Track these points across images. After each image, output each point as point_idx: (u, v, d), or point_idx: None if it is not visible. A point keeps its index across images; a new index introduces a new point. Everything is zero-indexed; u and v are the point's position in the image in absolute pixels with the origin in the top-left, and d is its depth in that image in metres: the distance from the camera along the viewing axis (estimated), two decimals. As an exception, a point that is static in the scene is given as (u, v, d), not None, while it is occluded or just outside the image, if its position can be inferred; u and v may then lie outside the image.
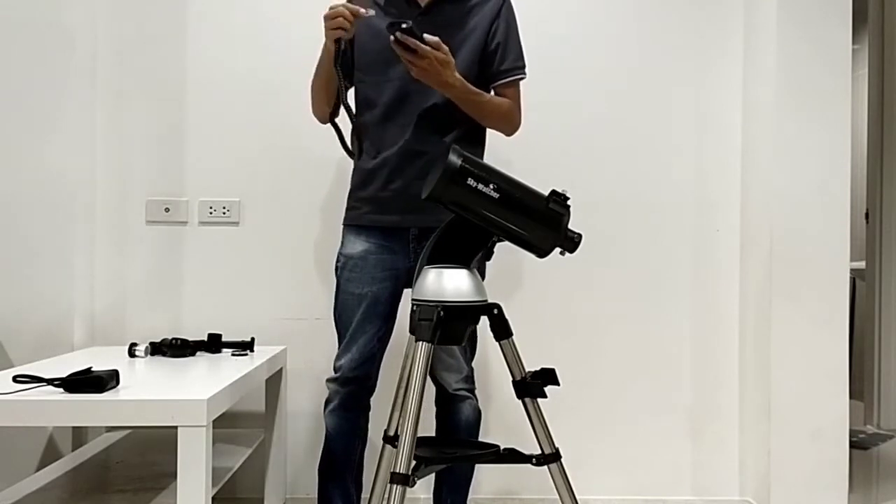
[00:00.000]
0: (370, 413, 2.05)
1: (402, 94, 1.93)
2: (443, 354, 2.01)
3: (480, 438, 2.11)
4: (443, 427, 2.06)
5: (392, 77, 1.93)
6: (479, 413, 2.06)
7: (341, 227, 2.07)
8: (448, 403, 2.05)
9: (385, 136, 1.95)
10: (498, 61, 2.00)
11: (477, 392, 2.08)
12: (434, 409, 2.08)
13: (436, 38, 1.76)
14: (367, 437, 2.07)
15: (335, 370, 2.00)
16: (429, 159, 1.89)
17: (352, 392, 1.99)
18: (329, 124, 2.00)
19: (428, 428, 1.94)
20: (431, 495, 2.14)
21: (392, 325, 2.03)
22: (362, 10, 1.81)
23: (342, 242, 2.04)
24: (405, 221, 1.95)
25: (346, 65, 1.92)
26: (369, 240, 1.98)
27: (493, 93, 2.03)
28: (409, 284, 1.97)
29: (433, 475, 2.08)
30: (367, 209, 1.99)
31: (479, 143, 2.05)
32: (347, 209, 2.05)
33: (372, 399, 2.04)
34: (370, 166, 1.97)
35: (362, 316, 1.97)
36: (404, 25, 1.70)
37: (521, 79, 2.06)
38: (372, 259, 1.97)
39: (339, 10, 1.81)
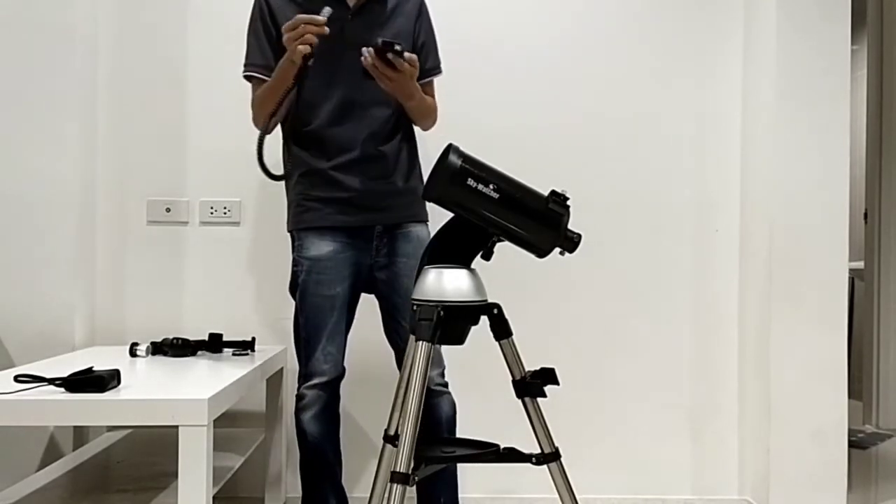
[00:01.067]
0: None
1: (349, 99, 1.96)
2: None
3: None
4: (422, 423, 2.05)
5: (335, 82, 1.95)
6: (455, 407, 2.07)
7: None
8: (427, 399, 2.04)
9: (336, 140, 1.96)
10: (422, 60, 2.02)
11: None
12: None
13: (413, 56, 1.81)
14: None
15: (312, 375, 1.99)
16: (386, 160, 1.98)
17: (333, 393, 2.02)
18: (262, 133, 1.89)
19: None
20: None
21: (353, 319, 2.07)
22: (320, 17, 1.77)
23: (301, 246, 2.01)
24: (370, 220, 1.99)
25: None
26: (335, 240, 1.99)
27: None
28: (369, 283, 2.04)
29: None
30: (330, 210, 1.99)
31: (414, 141, 2.11)
32: (303, 211, 2.01)
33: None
34: (325, 168, 1.97)
35: (337, 316, 1.99)
36: (398, 47, 1.73)
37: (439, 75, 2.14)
38: (340, 258, 1.99)
39: (303, 24, 1.76)
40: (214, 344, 2.31)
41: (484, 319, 1.59)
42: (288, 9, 1.96)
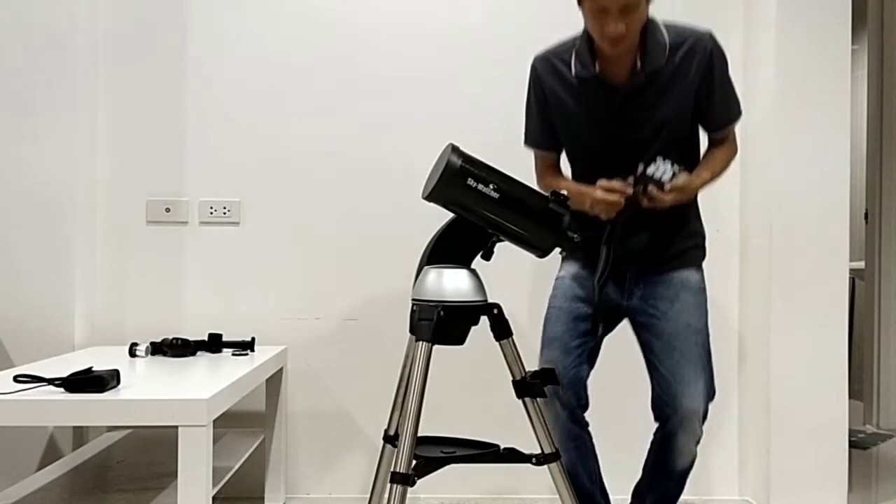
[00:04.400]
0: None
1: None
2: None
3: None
4: (652, 462, 2.09)
5: (605, 169, 1.81)
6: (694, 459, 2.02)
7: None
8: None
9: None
10: (714, 116, 1.99)
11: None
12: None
13: (677, 180, 1.75)
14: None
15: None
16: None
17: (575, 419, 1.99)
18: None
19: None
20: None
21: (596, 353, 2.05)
22: (629, 189, 1.72)
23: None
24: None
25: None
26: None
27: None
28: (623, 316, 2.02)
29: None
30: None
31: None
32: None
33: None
34: None
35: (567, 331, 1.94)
36: (649, 188, 1.71)
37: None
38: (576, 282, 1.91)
39: (622, 189, 1.70)
40: (214, 344, 2.32)
41: (484, 319, 1.59)
42: (560, 91, 1.88)
